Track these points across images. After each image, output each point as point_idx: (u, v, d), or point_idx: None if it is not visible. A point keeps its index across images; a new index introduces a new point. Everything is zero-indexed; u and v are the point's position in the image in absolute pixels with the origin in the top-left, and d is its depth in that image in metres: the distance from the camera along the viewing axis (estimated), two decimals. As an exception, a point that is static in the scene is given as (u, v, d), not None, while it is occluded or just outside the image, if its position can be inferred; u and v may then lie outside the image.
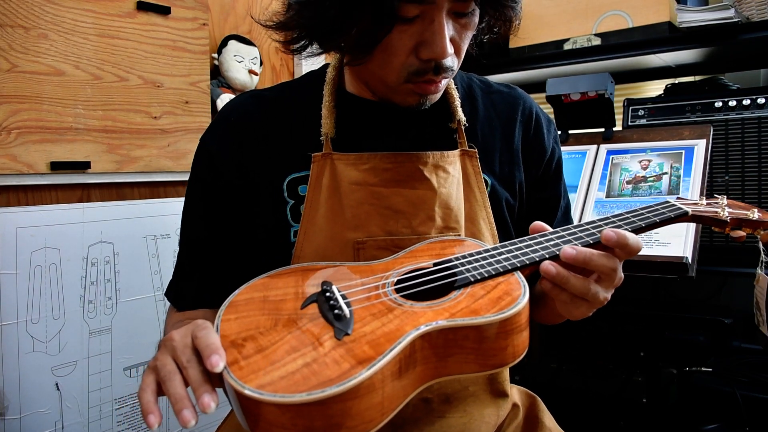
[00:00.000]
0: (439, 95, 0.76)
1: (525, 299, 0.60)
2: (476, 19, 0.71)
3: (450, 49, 0.68)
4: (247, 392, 0.50)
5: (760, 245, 0.89)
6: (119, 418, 1.36)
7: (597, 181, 1.45)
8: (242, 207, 0.82)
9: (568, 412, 1.59)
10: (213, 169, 0.82)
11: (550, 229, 0.70)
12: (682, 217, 0.73)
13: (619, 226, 0.69)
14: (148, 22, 1.39)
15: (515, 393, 0.89)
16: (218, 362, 0.53)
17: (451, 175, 0.78)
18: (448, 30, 0.67)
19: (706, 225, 0.76)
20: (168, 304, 0.89)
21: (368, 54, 0.69)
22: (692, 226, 1.26)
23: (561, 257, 0.64)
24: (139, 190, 1.42)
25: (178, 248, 0.89)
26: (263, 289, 0.67)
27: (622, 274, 0.68)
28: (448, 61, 0.69)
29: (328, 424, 0.50)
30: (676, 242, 1.25)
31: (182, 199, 0.88)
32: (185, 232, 0.87)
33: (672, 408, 1.51)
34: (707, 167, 1.34)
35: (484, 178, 0.81)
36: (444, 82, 0.73)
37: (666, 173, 1.38)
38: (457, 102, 0.82)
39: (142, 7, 1.38)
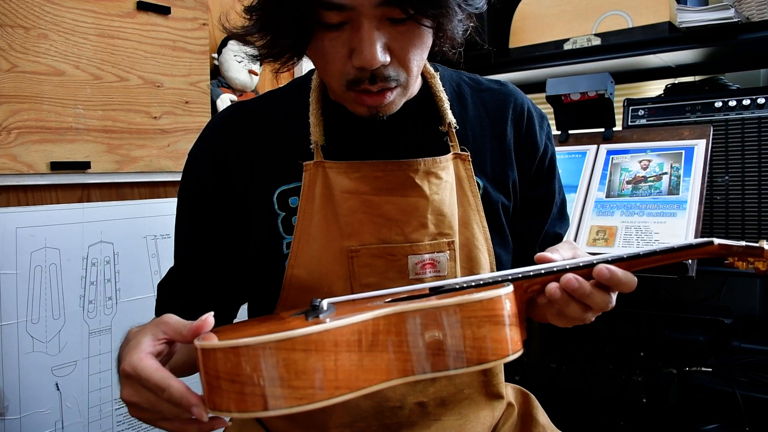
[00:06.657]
0: (394, 107, 0.72)
1: (507, 290, 0.57)
2: (423, 29, 0.67)
3: (382, 56, 0.64)
4: (198, 343, 0.52)
5: None
6: (119, 418, 1.36)
7: (597, 181, 1.45)
8: (231, 221, 0.81)
9: (568, 412, 1.60)
10: (200, 185, 0.81)
11: (557, 258, 0.67)
12: (707, 246, 0.67)
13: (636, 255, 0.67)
14: (148, 22, 1.39)
15: (510, 392, 0.89)
16: (201, 413, 0.54)
17: (444, 181, 0.77)
18: (381, 37, 0.64)
19: (736, 255, 0.69)
20: None
21: (298, 58, 0.70)
22: (692, 226, 1.26)
23: (562, 284, 0.62)
24: (139, 190, 1.42)
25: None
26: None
27: (614, 302, 0.68)
28: (388, 70, 0.66)
29: (274, 376, 0.49)
30: (676, 243, 1.25)
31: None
32: (176, 247, 0.88)
33: (672, 408, 1.51)
34: (707, 167, 1.34)
35: (477, 181, 0.80)
36: (394, 93, 0.69)
37: (666, 173, 1.38)
38: (446, 104, 0.80)
39: (142, 7, 1.38)
